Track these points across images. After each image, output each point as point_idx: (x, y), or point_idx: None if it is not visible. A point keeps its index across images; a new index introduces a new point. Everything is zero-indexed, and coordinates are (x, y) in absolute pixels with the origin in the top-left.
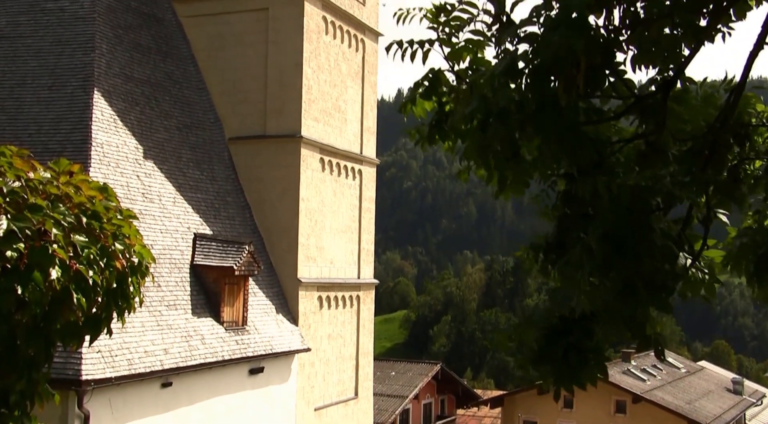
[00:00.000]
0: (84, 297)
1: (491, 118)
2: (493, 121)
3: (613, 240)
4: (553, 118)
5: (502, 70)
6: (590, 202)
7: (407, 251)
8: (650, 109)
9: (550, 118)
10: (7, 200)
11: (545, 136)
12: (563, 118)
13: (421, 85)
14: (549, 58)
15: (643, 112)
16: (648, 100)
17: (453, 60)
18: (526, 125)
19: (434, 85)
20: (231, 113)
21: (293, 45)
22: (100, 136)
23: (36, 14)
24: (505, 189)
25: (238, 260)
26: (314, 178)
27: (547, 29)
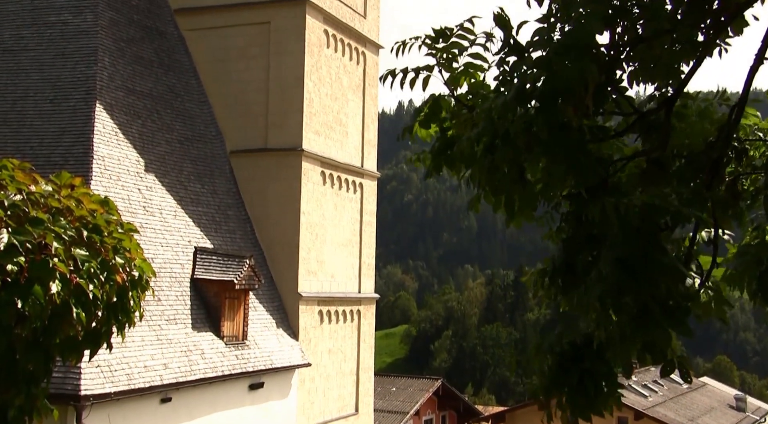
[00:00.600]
0: (84, 311)
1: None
2: (500, 143)
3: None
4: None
5: (513, 97)
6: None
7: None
8: (652, 126)
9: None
10: (9, 214)
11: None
12: (571, 137)
13: (423, 111)
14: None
15: (645, 129)
16: (650, 117)
17: (453, 85)
18: (533, 146)
19: (435, 112)
20: (232, 126)
21: (295, 58)
22: (102, 149)
23: (39, 27)
24: (514, 216)
25: (238, 273)
26: (315, 191)
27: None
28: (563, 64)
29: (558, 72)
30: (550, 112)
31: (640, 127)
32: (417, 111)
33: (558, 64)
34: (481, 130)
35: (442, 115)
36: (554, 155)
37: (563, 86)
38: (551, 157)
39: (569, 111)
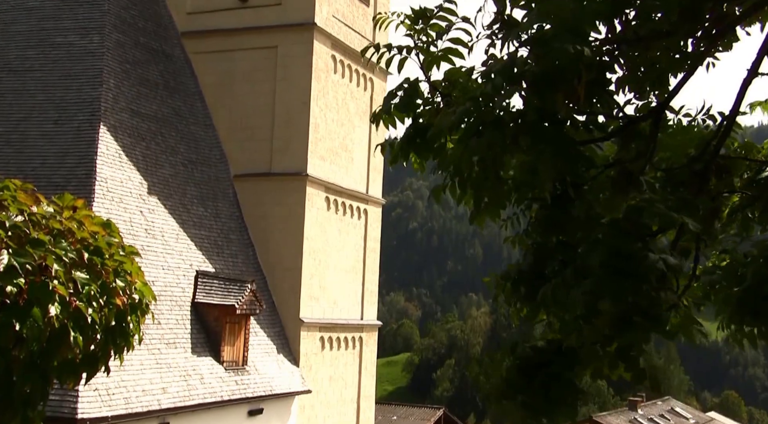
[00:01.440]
0: (82, 335)
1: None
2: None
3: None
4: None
5: (499, 70)
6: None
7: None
8: (635, 136)
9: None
10: (9, 234)
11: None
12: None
13: (395, 95)
14: (553, 66)
15: (626, 138)
16: (635, 126)
17: (429, 69)
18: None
19: (411, 97)
20: (237, 150)
21: (301, 83)
22: (105, 171)
23: (45, 48)
24: (480, 212)
25: (239, 298)
26: (319, 217)
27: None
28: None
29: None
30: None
31: (622, 135)
32: (389, 95)
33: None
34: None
35: (415, 102)
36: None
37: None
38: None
39: (559, 98)
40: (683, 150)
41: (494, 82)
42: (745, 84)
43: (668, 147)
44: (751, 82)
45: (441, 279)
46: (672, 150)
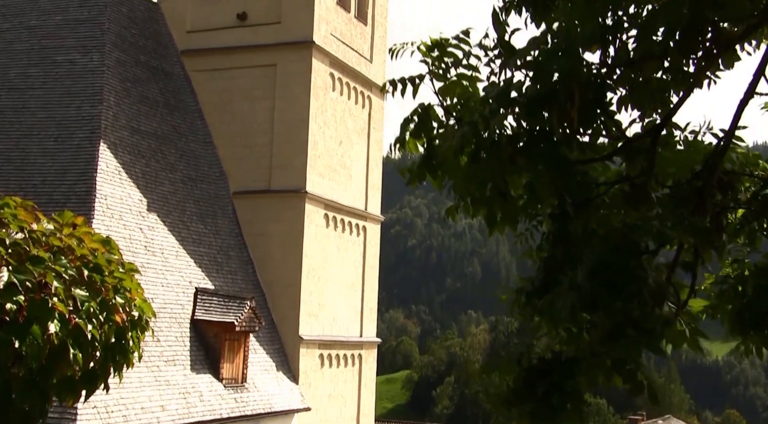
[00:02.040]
0: (81, 352)
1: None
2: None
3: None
4: (547, 151)
5: (496, 95)
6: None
7: (411, 310)
8: (638, 152)
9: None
10: (9, 252)
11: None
12: (557, 152)
13: (411, 120)
14: (545, 88)
15: (630, 155)
16: (637, 143)
17: (444, 95)
18: (516, 157)
19: (424, 121)
20: (236, 167)
21: (300, 101)
22: (105, 188)
23: (46, 67)
24: (495, 227)
25: (239, 315)
26: (318, 234)
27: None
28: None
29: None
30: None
31: (626, 152)
32: (405, 121)
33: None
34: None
35: (430, 126)
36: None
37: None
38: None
39: (553, 120)
40: (688, 166)
41: (491, 107)
42: (741, 104)
43: (673, 163)
44: (747, 103)
45: (440, 296)
46: (676, 166)
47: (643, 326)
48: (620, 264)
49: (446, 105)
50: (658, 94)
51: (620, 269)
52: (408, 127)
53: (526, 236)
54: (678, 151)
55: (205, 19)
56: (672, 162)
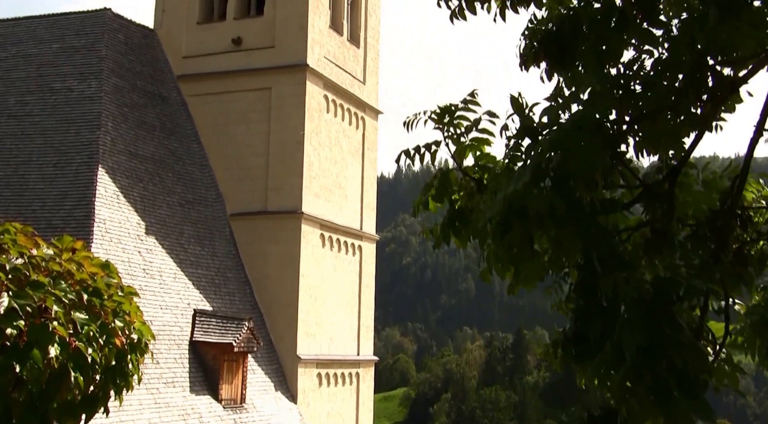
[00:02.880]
0: (82, 375)
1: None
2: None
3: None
4: (574, 211)
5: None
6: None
7: (407, 327)
8: (657, 197)
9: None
10: (10, 277)
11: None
12: (581, 209)
13: (432, 185)
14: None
15: (649, 200)
16: (655, 188)
17: (460, 158)
18: (544, 219)
19: (444, 186)
20: (233, 189)
21: (295, 123)
22: (103, 212)
23: (44, 94)
24: (517, 285)
25: (237, 336)
26: (314, 254)
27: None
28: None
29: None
30: (564, 190)
31: (645, 198)
32: (426, 186)
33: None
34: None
35: (450, 189)
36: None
37: (576, 168)
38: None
39: (581, 187)
40: (707, 207)
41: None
42: (752, 143)
43: (690, 205)
44: (758, 141)
45: (435, 313)
46: (694, 207)
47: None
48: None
49: (465, 167)
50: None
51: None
52: (429, 191)
53: (555, 288)
54: (695, 192)
55: (200, 45)
56: (690, 204)
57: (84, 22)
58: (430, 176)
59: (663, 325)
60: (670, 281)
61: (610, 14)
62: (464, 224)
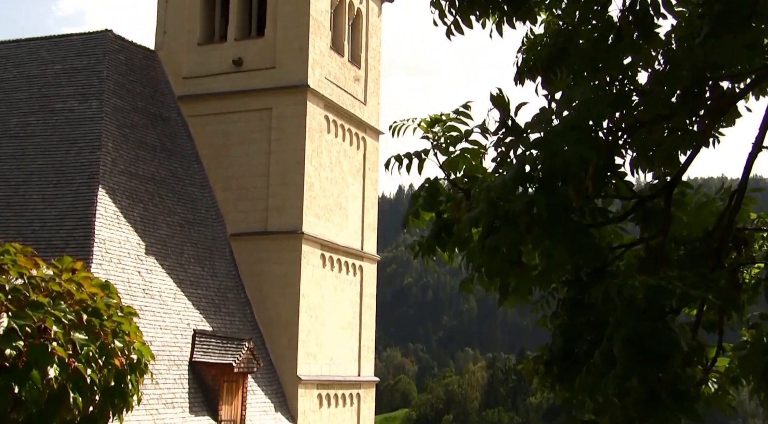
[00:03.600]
0: (81, 396)
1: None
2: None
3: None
4: (562, 219)
5: (512, 177)
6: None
7: (408, 348)
8: (651, 214)
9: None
10: (9, 298)
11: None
12: (572, 220)
13: (420, 196)
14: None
15: (644, 217)
16: (649, 204)
17: (449, 169)
18: (533, 228)
19: (433, 196)
20: (233, 210)
21: (296, 143)
22: (103, 233)
23: (45, 114)
24: (507, 297)
25: (237, 356)
26: (315, 274)
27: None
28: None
29: (557, 154)
30: (551, 193)
31: (639, 215)
32: (414, 197)
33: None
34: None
35: (438, 199)
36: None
37: (562, 168)
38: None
39: (569, 192)
40: (701, 225)
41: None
42: (750, 159)
43: (686, 225)
44: (756, 157)
45: (437, 334)
46: (689, 226)
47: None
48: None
49: (453, 178)
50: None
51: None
52: (418, 202)
53: (542, 304)
54: (691, 211)
55: (201, 65)
56: (685, 224)
57: (85, 43)
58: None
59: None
60: (663, 289)
61: (608, 30)
62: (450, 235)
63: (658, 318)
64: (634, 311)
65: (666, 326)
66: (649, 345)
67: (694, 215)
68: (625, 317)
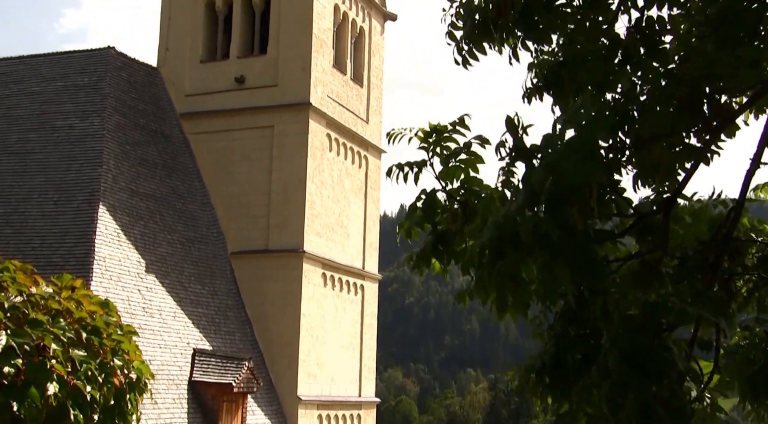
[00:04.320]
0: (81, 413)
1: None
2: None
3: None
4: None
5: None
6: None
7: (409, 368)
8: (649, 228)
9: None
10: (8, 315)
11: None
12: (575, 238)
13: (416, 208)
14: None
15: (641, 231)
16: (648, 219)
17: (445, 180)
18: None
19: (430, 207)
20: (234, 227)
21: (297, 161)
22: (103, 250)
23: (46, 131)
24: (505, 311)
25: (237, 376)
26: (316, 293)
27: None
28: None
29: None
30: (557, 215)
31: (637, 229)
32: (411, 208)
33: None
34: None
35: (436, 212)
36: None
37: (569, 189)
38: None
39: (574, 213)
40: (696, 235)
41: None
42: (748, 174)
43: (681, 236)
44: (754, 173)
45: (439, 354)
46: (683, 238)
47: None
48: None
49: (449, 189)
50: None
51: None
52: (414, 213)
53: (540, 319)
54: (686, 224)
55: (203, 83)
56: (681, 235)
57: (87, 60)
58: None
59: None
60: (660, 305)
61: (616, 48)
62: (446, 247)
63: (654, 335)
64: (630, 327)
65: (662, 343)
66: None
67: (689, 226)
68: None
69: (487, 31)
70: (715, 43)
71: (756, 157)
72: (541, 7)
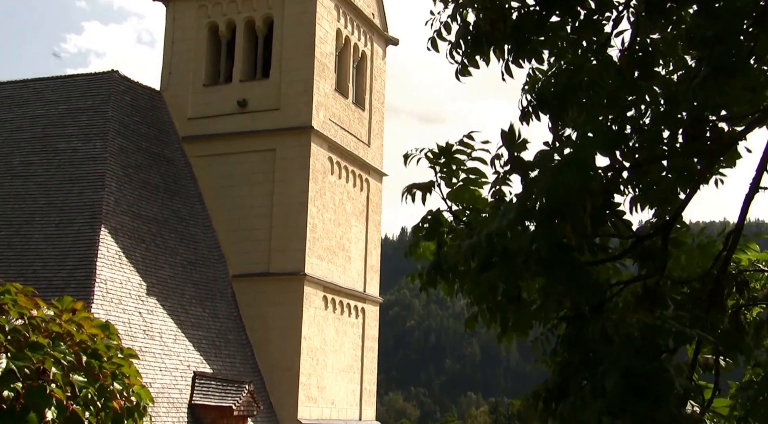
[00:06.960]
0: None
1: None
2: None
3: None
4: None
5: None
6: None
7: (410, 392)
8: (649, 252)
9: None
10: (9, 338)
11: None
12: (570, 257)
13: (422, 228)
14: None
15: (641, 255)
16: (647, 242)
17: (452, 201)
18: (530, 264)
19: (434, 227)
20: (235, 251)
21: (299, 184)
22: (105, 273)
23: (48, 154)
24: (507, 332)
25: (237, 400)
26: (317, 316)
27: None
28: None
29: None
30: (549, 230)
31: (637, 253)
32: (416, 228)
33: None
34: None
35: (441, 230)
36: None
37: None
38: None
39: (567, 229)
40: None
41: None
42: (747, 200)
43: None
44: (753, 198)
45: (439, 378)
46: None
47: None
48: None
49: (454, 210)
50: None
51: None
52: (419, 234)
53: (542, 341)
54: (689, 250)
55: (206, 107)
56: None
57: (91, 83)
58: None
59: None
60: (659, 327)
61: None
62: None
63: (653, 357)
64: (629, 349)
65: (661, 365)
66: (642, 383)
67: (693, 256)
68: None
69: (479, 45)
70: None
71: (755, 181)
72: (533, 25)
